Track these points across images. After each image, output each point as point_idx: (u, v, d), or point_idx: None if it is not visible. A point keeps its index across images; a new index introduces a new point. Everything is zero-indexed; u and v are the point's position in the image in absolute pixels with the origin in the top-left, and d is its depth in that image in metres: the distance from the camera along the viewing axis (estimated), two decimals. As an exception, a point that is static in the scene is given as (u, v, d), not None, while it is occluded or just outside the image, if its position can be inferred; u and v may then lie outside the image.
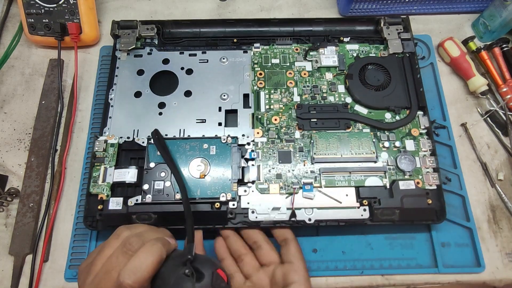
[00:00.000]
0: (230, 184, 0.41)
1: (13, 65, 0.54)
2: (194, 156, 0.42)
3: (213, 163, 0.42)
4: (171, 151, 0.43)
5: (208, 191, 0.41)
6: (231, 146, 0.43)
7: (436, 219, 0.42)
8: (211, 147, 0.43)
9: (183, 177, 0.41)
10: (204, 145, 0.43)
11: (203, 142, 0.43)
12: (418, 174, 0.43)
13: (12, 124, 0.50)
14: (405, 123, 0.46)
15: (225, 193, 0.41)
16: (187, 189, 0.40)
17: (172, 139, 0.44)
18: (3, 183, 0.46)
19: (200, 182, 0.41)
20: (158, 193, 0.41)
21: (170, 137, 0.44)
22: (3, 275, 0.43)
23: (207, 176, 0.42)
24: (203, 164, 0.42)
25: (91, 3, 0.52)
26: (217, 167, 0.42)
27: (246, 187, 0.42)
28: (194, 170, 0.42)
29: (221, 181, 0.42)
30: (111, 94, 0.47)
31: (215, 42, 0.51)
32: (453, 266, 0.42)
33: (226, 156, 0.43)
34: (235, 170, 0.42)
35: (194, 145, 0.43)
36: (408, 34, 0.50)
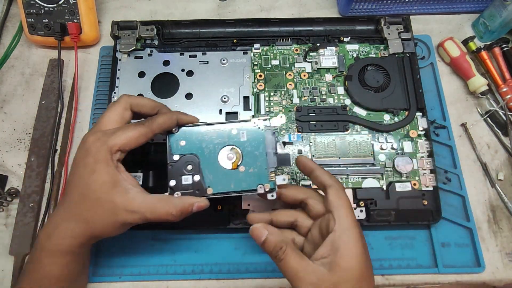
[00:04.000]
0: (267, 174, 0.36)
1: (13, 65, 0.54)
2: (223, 145, 0.37)
3: (245, 151, 0.37)
4: (195, 140, 0.37)
5: (243, 183, 0.36)
6: (264, 130, 0.37)
7: (432, 219, 0.42)
8: (241, 133, 0.37)
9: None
10: (233, 130, 0.37)
11: (232, 127, 0.38)
12: (415, 175, 0.44)
13: (12, 124, 0.50)
14: (403, 124, 0.46)
15: (263, 184, 0.36)
16: (220, 184, 0.36)
17: (194, 125, 0.38)
18: (3, 183, 0.46)
19: (233, 173, 0.36)
20: (187, 190, 0.36)
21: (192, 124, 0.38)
22: (3, 275, 0.43)
23: (240, 166, 0.36)
24: (234, 152, 0.37)
25: (91, 3, 0.52)
26: (250, 155, 0.37)
27: (284, 175, 0.36)
28: (225, 161, 0.37)
29: (256, 170, 0.36)
30: (113, 97, 0.47)
31: (215, 43, 0.51)
32: (453, 266, 0.42)
33: (259, 142, 0.37)
34: (271, 156, 0.37)
35: (221, 132, 0.37)
36: (408, 34, 0.50)
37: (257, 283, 0.42)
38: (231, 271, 0.42)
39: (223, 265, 0.43)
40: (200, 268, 0.42)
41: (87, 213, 0.32)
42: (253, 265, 0.43)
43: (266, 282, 0.42)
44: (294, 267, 0.30)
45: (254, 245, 0.43)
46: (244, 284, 0.42)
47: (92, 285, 0.42)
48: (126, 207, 0.32)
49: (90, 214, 0.32)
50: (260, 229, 0.32)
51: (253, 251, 0.43)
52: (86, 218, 0.32)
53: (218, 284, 0.42)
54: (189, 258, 0.43)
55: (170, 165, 0.37)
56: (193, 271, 0.42)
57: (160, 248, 0.43)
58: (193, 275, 0.42)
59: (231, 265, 0.43)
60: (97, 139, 0.33)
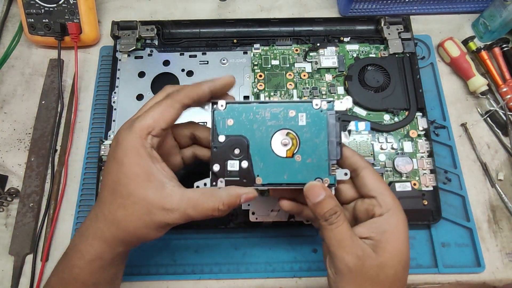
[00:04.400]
0: (327, 166, 0.31)
1: (13, 65, 0.54)
2: (277, 128, 0.32)
3: (303, 137, 0.32)
4: (245, 120, 0.32)
5: (299, 174, 0.31)
6: (327, 113, 0.32)
7: (432, 219, 0.43)
8: (300, 115, 0.32)
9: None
10: (290, 112, 0.32)
11: (289, 107, 0.32)
12: (415, 175, 0.44)
13: (12, 124, 0.50)
14: (403, 124, 0.46)
15: (322, 178, 0.31)
16: (271, 173, 0.31)
17: (245, 103, 0.32)
18: (3, 183, 0.46)
19: (287, 163, 0.31)
20: (233, 177, 0.31)
21: (242, 101, 0.34)
22: (3, 275, 0.43)
23: (296, 155, 0.31)
24: (291, 138, 0.31)
25: (91, 3, 0.52)
26: (309, 142, 0.32)
27: (345, 169, 0.31)
28: (278, 147, 0.31)
29: (315, 161, 0.31)
30: (113, 97, 0.47)
31: (215, 43, 0.51)
32: (453, 266, 0.42)
33: (320, 128, 0.32)
34: (333, 146, 0.31)
35: (277, 113, 0.32)
36: (408, 34, 0.50)
37: (257, 283, 0.42)
38: (231, 271, 0.42)
39: (223, 265, 0.43)
40: (200, 268, 0.42)
41: (118, 212, 0.28)
42: (253, 265, 0.43)
43: (266, 282, 0.42)
44: (343, 235, 0.28)
45: (254, 245, 0.43)
46: (244, 284, 0.42)
47: (92, 285, 0.42)
48: (163, 205, 0.28)
49: (121, 214, 0.28)
50: (319, 188, 0.29)
51: (253, 251, 0.43)
52: (116, 218, 0.28)
53: (218, 284, 0.42)
54: (189, 258, 0.43)
55: (215, 147, 0.32)
56: (193, 271, 0.42)
57: (160, 248, 0.43)
58: (193, 275, 0.42)
59: (231, 265, 0.43)
60: (125, 127, 0.29)
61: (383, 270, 0.28)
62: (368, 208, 0.30)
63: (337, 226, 0.28)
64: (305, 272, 0.42)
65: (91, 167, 0.46)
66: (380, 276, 0.28)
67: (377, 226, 0.29)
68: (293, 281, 0.42)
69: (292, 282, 0.42)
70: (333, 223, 0.28)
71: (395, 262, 0.28)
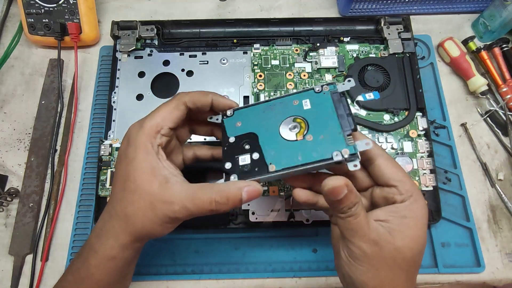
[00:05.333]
0: (343, 138, 0.29)
1: (13, 65, 0.54)
2: (283, 117, 0.32)
3: (311, 118, 0.31)
4: (252, 119, 0.33)
5: (313, 152, 0.29)
6: (330, 94, 0.32)
7: (432, 219, 0.43)
8: (304, 102, 0.32)
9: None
10: (294, 101, 0.33)
11: (292, 98, 0.33)
12: (415, 175, 0.44)
13: (12, 124, 0.50)
14: (403, 124, 0.46)
15: (340, 151, 0.29)
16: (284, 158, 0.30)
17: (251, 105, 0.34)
18: (3, 183, 0.46)
19: (299, 144, 0.30)
20: (246, 170, 0.31)
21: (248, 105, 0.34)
22: (3, 275, 0.43)
23: (308, 135, 0.31)
24: (298, 122, 0.31)
25: (91, 3, 0.52)
26: (318, 121, 0.31)
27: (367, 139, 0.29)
28: (287, 133, 0.31)
29: (328, 136, 0.30)
30: (113, 97, 0.47)
31: (215, 43, 0.51)
32: (453, 266, 0.42)
33: (326, 106, 0.31)
34: (344, 118, 0.30)
35: (281, 105, 0.33)
36: (408, 33, 0.50)
37: (257, 283, 0.42)
38: (231, 271, 0.42)
39: (223, 265, 0.43)
40: (200, 268, 0.42)
41: (127, 207, 0.29)
42: (253, 265, 0.43)
43: (266, 282, 0.42)
44: (360, 224, 0.28)
45: (254, 245, 0.43)
46: (244, 284, 0.42)
47: (92, 285, 0.42)
48: (163, 197, 0.28)
49: (130, 208, 0.29)
50: (342, 187, 0.27)
51: (253, 251, 0.43)
52: (126, 213, 0.29)
53: (218, 284, 0.42)
54: (189, 258, 0.43)
55: (225, 147, 0.32)
56: (193, 271, 0.42)
57: (160, 248, 0.43)
58: (193, 275, 0.42)
59: (231, 265, 0.43)
60: (135, 127, 0.31)
61: (400, 253, 0.28)
62: (387, 196, 0.30)
63: (356, 217, 0.28)
64: (305, 272, 0.42)
65: (91, 167, 0.46)
66: (397, 259, 0.28)
67: (397, 211, 0.29)
68: (293, 281, 0.42)
69: (292, 282, 0.42)
70: (351, 215, 0.28)
71: (413, 246, 0.28)
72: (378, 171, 0.30)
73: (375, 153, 0.30)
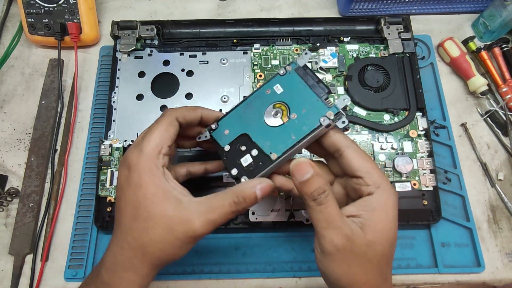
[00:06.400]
0: (323, 103, 0.31)
1: (13, 65, 0.54)
2: (263, 108, 0.34)
3: (287, 99, 0.33)
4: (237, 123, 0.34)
5: (303, 126, 0.31)
6: (295, 72, 0.33)
7: (432, 219, 0.43)
8: (275, 87, 0.34)
9: None
10: (266, 91, 0.34)
11: (264, 89, 0.34)
12: (415, 175, 0.44)
13: (12, 124, 0.50)
14: (403, 124, 0.46)
15: (324, 115, 0.31)
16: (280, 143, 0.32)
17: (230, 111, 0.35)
18: (3, 183, 0.46)
19: (287, 126, 0.32)
20: (252, 169, 0.32)
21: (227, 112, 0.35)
22: (3, 275, 0.43)
23: (291, 114, 0.32)
24: (278, 107, 0.33)
25: (91, 3, 0.52)
26: (295, 99, 0.33)
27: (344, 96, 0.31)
28: (273, 121, 0.33)
29: (309, 107, 0.32)
30: (113, 97, 0.47)
31: (215, 43, 0.51)
32: (453, 266, 0.42)
33: (296, 83, 0.33)
34: (316, 87, 0.32)
35: (256, 99, 0.34)
36: (408, 33, 0.50)
37: (257, 283, 0.42)
38: (231, 271, 0.42)
39: (223, 265, 0.43)
40: (200, 268, 0.42)
41: (143, 236, 0.28)
42: (253, 265, 0.43)
43: (266, 282, 0.42)
44: (332, 215, 0.27)
45: (254, 245, 0.43)
46: (244, 284, 0.42)
47: (92, 285, 0.42)
48: (181, 217, 0.28)
49: (146, 237, 0.28)
50: (306, 165, 0.28)
51: (253, 251, 0.43)
52: (142, 243, 0.28)
53: (218, 284, 0.42)
54: (189, 258, 0.43)
55: (225, 157, 0.34)
56: (193, 271, 0.42)
57: (160, 248, 0.43)
58: (193, 275, 0.42)
59: (231, 265, 0.43)
60: (134, 152, 0.30)
61: (371, 248, 0.28)
62: (355, 188, 0.30)
63: (326, 207, 0.28)
64: (305, 272, 0.42)
65: (91, 167, 0.46)
66: (368, 254, 0.28)
67: (367, 205, 0.29)
68: (293, 281, 0.42)
69: (292, 282, 0.42)
70: (322, 204, 0.28)
71: (383, 240, 0.28)
72: (345, 162, 0.30)
73: (344, 144, 0.30)
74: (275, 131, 0.32)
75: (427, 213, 0.43)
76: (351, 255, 0.27)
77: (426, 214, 0.43)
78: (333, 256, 0.28)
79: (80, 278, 0.42)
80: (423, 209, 0.43)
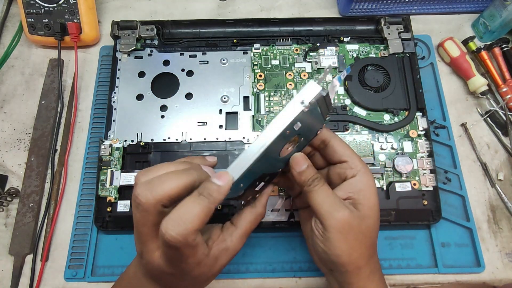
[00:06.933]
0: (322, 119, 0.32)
1: (13, 65, 0.54)
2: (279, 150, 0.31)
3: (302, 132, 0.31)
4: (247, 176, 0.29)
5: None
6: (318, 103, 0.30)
7: (432, 219, 0.43)
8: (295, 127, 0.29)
9: None
10: (286, 133, 0.29)
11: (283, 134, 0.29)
12: (415, 175, 0.44)
13: (12, 124, 0.50)
14: (403, 124, 0.46)
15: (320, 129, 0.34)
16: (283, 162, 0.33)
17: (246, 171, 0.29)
18: (3, 183, 0.46)
19: None
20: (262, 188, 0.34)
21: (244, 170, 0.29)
22: (3, 275, 0.43)
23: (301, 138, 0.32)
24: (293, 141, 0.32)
25: (91, 3, 0.52)
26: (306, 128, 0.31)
27: None
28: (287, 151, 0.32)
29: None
30: (113, 97, 0.47)
31: (215, 43, 0.51)
32: (453, 266, 0.42)
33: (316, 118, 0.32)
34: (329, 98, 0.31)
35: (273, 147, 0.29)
36: (408, 33, 0.50)
37: (257, 283, 0.42)
38: (231, 271, 0.42)
39: (223, 265, 0.43)
40: (200, 268, 0.42)
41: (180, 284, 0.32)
42: (253, 265, 0.43)
43: (266, 282, 0.42)
44: (328, 195, 0.31)
45: (254, 245, 0.43)
46: (244, 284, 0.42)
47: (91, 285, 0.42)
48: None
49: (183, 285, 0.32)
50: (302, 159, 0.33)
51: (253, 251, 0.43)
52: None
53: (218, 284, 0.42)
54: (189, 258, 0.43)
55: (242, 201, 0.33)
56: (193, 271, 0.42)
57: (160, 248, 0.43)
58: (193, 275, 0.42)
59: (231, 265, 0.43)
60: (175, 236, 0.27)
61: (364, 222, 0.31)
62: (340, 172, 0.34)
63: (320, 187, 0.32)
64: (305, 272, 0.42)
65: (91, 167, 0.46)
66: (362, 227, 0.31)
67: (353, 186, 0.32)
68: (293, 281, 0.42)
69: (292, 282, 0.42)
70: (316, 185, 0.32)
71: (372, 214, 0.32)
72: (331, 150, 0.34)
73: (328, 135, 0.34)
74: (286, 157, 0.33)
75: (427, 213, 0.43)
76: (349, 229, 0.31)
77: (426, 214, 0.43)
78: (334, 231, 0.30)
79: (80, 278, 0.42)
80: (423, 209, 0.43)
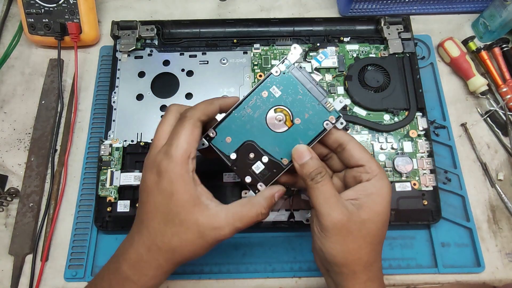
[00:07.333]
0: (323, 107, 0.33)
1: (13, 65, 0.54)
2: (264, 113, 0.33)
3: (288, 103, 0.33)
4: (237, 129, 0.33)
5: (309, 131, 0.33)
6: (289, 71, 0.34)
7: (432, 219, 0.43)
8: (271, 90, 0.34)
9: None
10: (263, 94, 0.34)
11: (260, 92, 0.34)
12: (415, 175, 0.44)
13: (12, 124, 0.50)
14: (403, 124, 0.46)
15: (328, 120, 0.33)
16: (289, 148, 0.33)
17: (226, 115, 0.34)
18: (3, 183, 0.46)
19: (293, 131, 0.33)
20: (265, 174, 0.33)
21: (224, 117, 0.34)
22: (3, 275, 0.43)
23: (295, 119, 0.33)
24: (280, 111, 0.33)
25: (91, 3, 0.52)
26: (296, 103, 0.33)
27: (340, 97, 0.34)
28: (278, 126, 0.33)
29: (312, 112, 0.33)
30: (113, 97, 0.47)
31: (215, 43, 0.51)
32: (453, 266, 0.42)
33: (294, 85, 0.34)
34: (314, 90, 0.33)
35: (254, 103, 0.34)
36: (408, 33, 0.50)
37: (257, 283, 0.42)
38: (231, 271, 0.42)
39: (223, 265, 0.43)
40: (200, 268, 0.42)
41: (173, 240, 0.30)
42: (253, 265, 0.43)
43: (266, 282, 0.42)
44: (329, 192, 0.31)
45: (254, 245, 0.43)
46: (244, 284, 0.42)
47: (92, 285, 0.42)
48: (212, 225, 0.30)
49: (176, 241, 0.30)
50: (304, 150, 0.32)
51: (253, 251, 0.43)
52: (173, 246, 0.30)
53: (218, 284, 0.42)
54: (189, 258, 0.43)
55: (234, 167, 0.34)
56: (193, 271, 0.42)
57: (160, 248, 0.43)
58: (193, 275, 0.42)
59: (231, 265, 0.43)
60: (163, 158, 0.30)
61: (365, 226, 0.30)
62: (355, 175, 0.33)
63: (323, 184, 0.31)
64: (305, 272, 0.42)
65: (91, 167, 0.46)
66: (362, 231, 0.30)
67: (364, 189, 0.31)
68: (293, 281, 0.42)
69: (292, 282, 0.42)
70: (318, 182, 0.31)
71: (377, 219, 0.31)
72: (348, 154, 0.33)
73: (346, 139, 0.33)
74: (281, 137, 0.33)
75: (427, 213, 0.43)
76: (346, 231, 0.30)
77: (426, 214, 0.43)
78: (330, 231, 0.30)
79: (80, 278, 0.42)
80: (423, 209, 0.43)
